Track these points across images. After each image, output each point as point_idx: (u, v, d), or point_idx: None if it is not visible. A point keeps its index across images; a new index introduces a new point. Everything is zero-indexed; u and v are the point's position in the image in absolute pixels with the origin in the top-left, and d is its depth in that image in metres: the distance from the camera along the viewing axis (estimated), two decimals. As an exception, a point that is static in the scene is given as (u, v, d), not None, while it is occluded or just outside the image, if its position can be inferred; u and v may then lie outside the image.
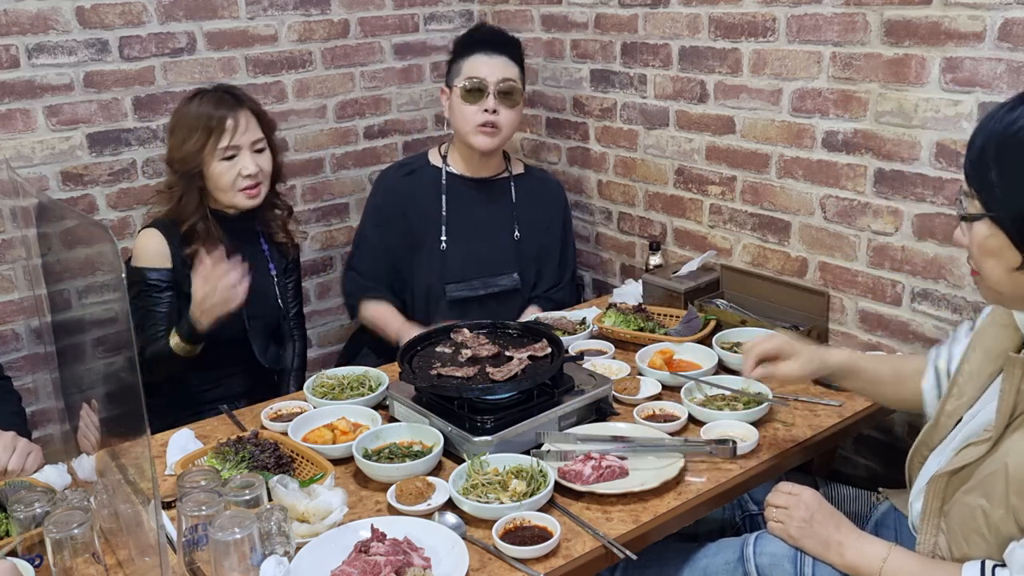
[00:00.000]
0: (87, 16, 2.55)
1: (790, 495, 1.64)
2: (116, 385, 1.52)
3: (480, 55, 2.57)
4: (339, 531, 1.55)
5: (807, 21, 2.24)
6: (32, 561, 1.48)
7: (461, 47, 2.64)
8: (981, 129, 1.37)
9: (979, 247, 1.39)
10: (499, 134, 2.57)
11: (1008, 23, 1.88)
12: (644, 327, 2.33)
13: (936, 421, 1.61)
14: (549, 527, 1.54)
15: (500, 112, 2.55)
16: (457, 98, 2.57)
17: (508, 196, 2.71)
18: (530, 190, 2.74)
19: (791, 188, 2.39)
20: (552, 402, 1.86)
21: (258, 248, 2.46)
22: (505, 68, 2.57)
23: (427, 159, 2.74)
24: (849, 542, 1.55)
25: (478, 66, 2.55)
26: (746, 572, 1.62)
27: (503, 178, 2.72)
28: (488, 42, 2.61)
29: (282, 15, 2.88)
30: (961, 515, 1.46)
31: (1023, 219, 1.32)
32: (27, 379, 2.65)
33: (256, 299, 2.37)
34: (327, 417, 1.95)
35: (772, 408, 1.93)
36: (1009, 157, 1.33)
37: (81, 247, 1.62)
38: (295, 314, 2.60)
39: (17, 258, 2.56)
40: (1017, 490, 1.37)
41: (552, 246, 2.75)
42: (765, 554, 1.61)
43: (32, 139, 2.53)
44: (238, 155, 2.27)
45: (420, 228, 2.65)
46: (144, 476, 1.32)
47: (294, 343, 2.59)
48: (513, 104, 2.58)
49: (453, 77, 2.61)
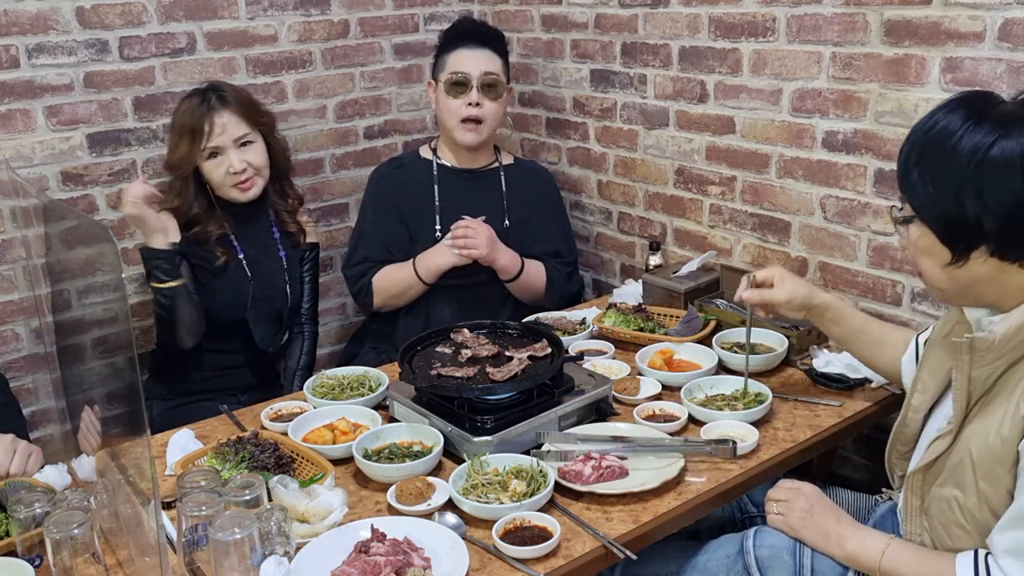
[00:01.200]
0: (87, 16, 2.55)
1: (790, 489, 1.67)
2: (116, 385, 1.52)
3: (463, 49, 2.62)
4: (339, 531, 1.55)
5: (807, 21, 2.24)
6: (32, 561, 1.48)
7: (445, 41, 2.68)
8: (908, 134, 1.45)
9: (914, 247, 1.48)
10: (483, 128, 2.62)
11: (1008, 23, 1.88)
12: (644, 327, 2.33)
13: (904, 417, 1.65)
14: (549, 527, 1.54)
15: (484, 105, 2.60)
16: (442, 92, 2.63)
17: (498, 186, 2.74)
18: (519, 180, 2.78)
19: (791, 188, 2.39)
20: (552, 402, 1.86)
21: (269, 233, 2.54)
22: (488, 61, 2.62)
23: (418, 154, 2.80)
24: (849, 534, 1.57)
25: (462, 60, 2.61)
26: (746, 564, 1.62)
27: (492, 169, 2.76)
28: (471, 36, 2.65)
29: (282, 15, 2.88)
30: (939, 509, 1.49)
31: (946, 217, 1.39)
32: (27, 379, 2.65)
33: (262, 279, 2.47)
34: (327, 417, 1.95)
35: (772, 408, 1.93)
36: (927, 158, 1.41)
37: (81, 247, 1.62)
38: (308, 309, 2.64)
39: (17, 258, 2.56)
40: (984, 475, 1.41)
41: (545, 231, 2.77)
42: (765, 546, 1.62)
43: (32, 139, 2.53)
44: (222, 154, 2.36)
45: (414, 219, 2.68)
46: (144, 476, 1.32)
47: (303, 339, 2.63)
48: (496, 96, 2.63)
49: (438, 71, 2.67)
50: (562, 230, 2.84)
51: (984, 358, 1.42)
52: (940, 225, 1.40)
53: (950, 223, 1.39)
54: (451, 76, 2.60)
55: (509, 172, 2.77)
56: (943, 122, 1.39)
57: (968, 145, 1.35)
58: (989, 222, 1.35)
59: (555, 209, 2.83)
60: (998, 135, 1.34)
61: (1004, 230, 1.35)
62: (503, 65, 2.67)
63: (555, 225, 2.81)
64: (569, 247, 2.83)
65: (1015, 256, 1.38)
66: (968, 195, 1.36)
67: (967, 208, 1.36)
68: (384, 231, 2.69)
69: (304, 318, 2.64)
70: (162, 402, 2.46)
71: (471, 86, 2.58)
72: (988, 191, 1.34)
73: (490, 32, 2.71)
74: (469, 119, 2.60)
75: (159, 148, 2.70)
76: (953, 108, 1.40)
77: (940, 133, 1.39)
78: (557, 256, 2.76)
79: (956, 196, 1.37)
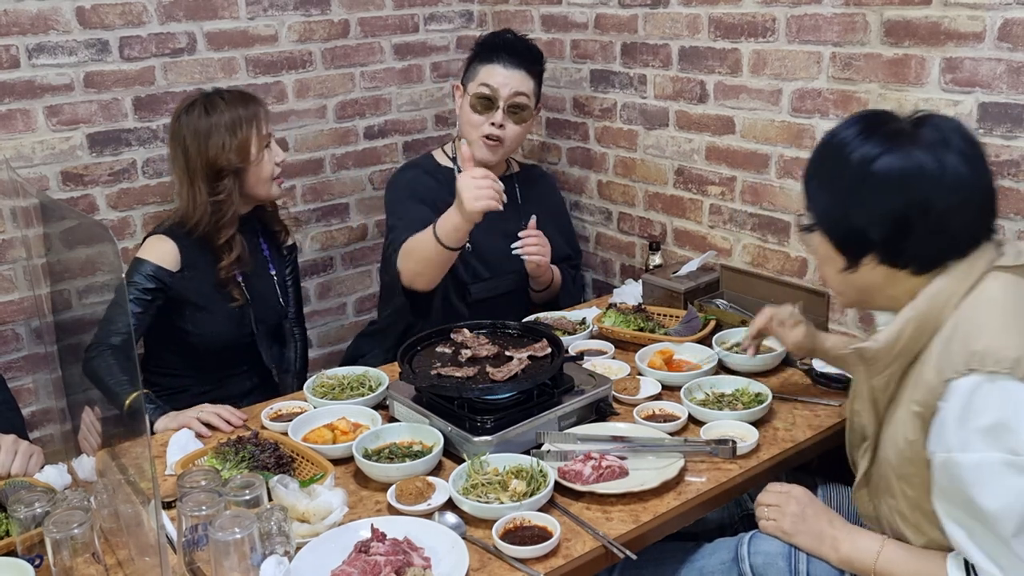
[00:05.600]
0: (87, 16, 2.55)
1: (780, 493, 1.67)
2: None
3: (498, 64, 2.52)
4: (339, 531, 1.55)
5: (807, 21, 2.24)
6: (32, 561, 1.48)
7: (481, 49, 2.59)
8: (815, 146, 1.52)
9: (816, 255, 1.55)
10: (501, 148, 2.55)
11: (1008, 23, 1.88)
12: (644, 327, 2.33)
13: (851, 423, 1.67)
14: (549, 527, 1.54)
15: (507, 127, 2.52)
16: (467, 104, 2.55)
17: (513, 193, 2.68)
18: (529, 187, 2.76)
19: (791, 188, 2.39)
20: (552, 402, 1.86)
21: (259, 251, 2.48)
22: (521, 82, 2.53)
23: (435, 160, 2.70)
24: (843, 536, 1.58)
25: (493, 75, 2.52)
26: (741, 572, 1.63)
27: (507, 177, 2.71)
28: (509, 51, 2.54)
29: (282, 15, 2.88)
30: (888, 519, 1.55)
31: (837, 225, 1.47)
32: (27, 379, 2.65)
33: (261, 302, 2.42)
34: (327, 417, 1.95)
35: (772, 408, 1.94)
36: (824, 168, 1.49)
37: (81, 247, 1.62)
38: (295, 313, 2.61)
39: (17, 258, 2.56)
40: (903, 478, 1.47)
41: (558, 234, 2.75)
42: (759, 553, 1.62)
43: (32, 139, 2.53)
44: (271, 145, 2.33)
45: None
46: (144, 476, 1.33)
47: (296, 343, 2.61)
48: (521, 120, 2.55)
49: (468, 79, 2.58)
50: (568, 232, 2.85)
51: (875, 366, 1.47)
52: (834, 234, 1.48)
53: (841, 231, 1.47)
54: (480, 89, 2.51)
55: (520, 178, 2.75)
56: (841, 135, 1.46)
57: (856, 157, 1.42)
58: (874, 231, 1.42)
59: (561, 211, 2.85)
60: (883, 149, 1.40)
61: (888, 240, 1.42)
62: (535, 87, 2.58)
63: (563, 227, 2.81)
64: (575, 249, 2.84)
65: (902, 263, 1.43)
66: (855, 205, 1.43)
67: (853, 218, 1.44)
68: (422, 213, 2.47)
69: (292, 323, 2.61)
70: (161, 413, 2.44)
71: (498, 105, 2.50)
72: (872, 202, 1.41)
73: (530, 51, 2.60)
74: (490, 137, 2.53)
75: (159, 148, 2.70)
76: (852, 123, 1.47)
77: (836, 146, 1.46)
78: (567, 259, 2.76)
79: (845, 206, 1.44)
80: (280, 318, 2.53)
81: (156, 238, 2.30)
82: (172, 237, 2.29)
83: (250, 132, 2.26)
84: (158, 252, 2.26)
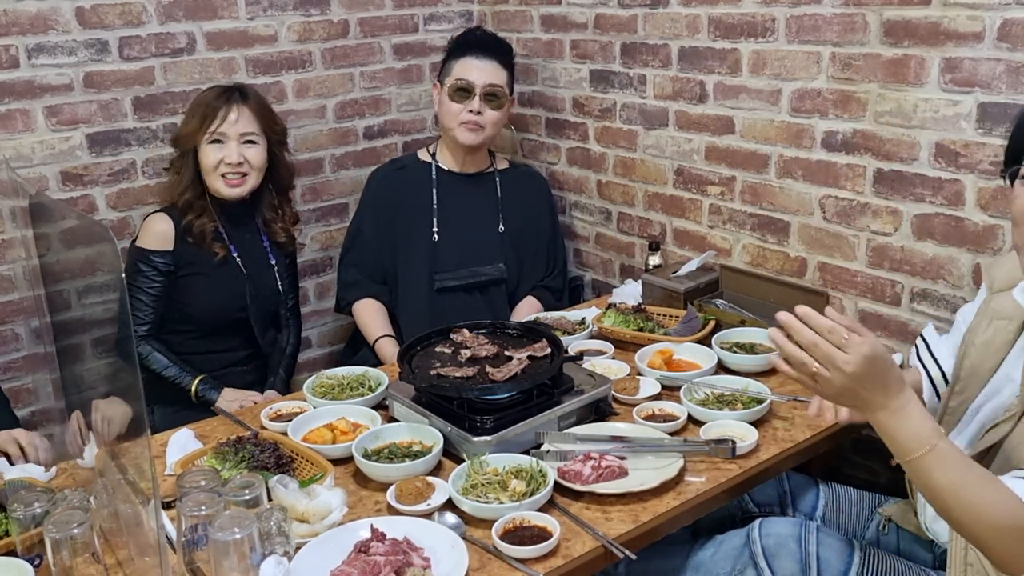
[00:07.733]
0: (87, 16, 2.55)
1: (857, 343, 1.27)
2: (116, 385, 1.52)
3: (471, 58, 2.67)
4: (339, 531, 1.55)
5: (806, 21, 2.24)
6: (32, 561, 1.48)
7: (454, 47, 2.75)
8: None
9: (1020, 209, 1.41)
10: (483, 131, 2.68)
11: (1007, 23, 1.88)
12: (644, 327, 2.33)
13: (940, 421, 1.60)
14: (549, 527, 1.54)
15: (484, 113, 2.66)
16: (445, 96, 2.68)
17: (494, 190, 2.81)
18: (514, 184, 2.84)
19: (790, 188, 2.39)
20: (552, 402, 1.86)
21: (258, 241, 2.60)
22: (493, 73, 2.68)
23: (417, 157, 2.85)
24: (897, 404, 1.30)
25: (468, 68, 2.66)
26: (752, 554, 1.63)
27: (488, 173, 2.83)
28: (480, 46, 2.71)
29: (282, 15, 2.88)
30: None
31: None
32: (27, 379, 2.65)
33: (256, 277, 2.55)
34: (327, 417, 1.95)
35: (772, 408, 1.94)
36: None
37: (81, 247, 1.62)
38: (292, 304, 2.73)
39: (17, 258, 2.56)
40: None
41: (538, 237, 2.84)
42: (771, 535, 1.63)
43: (32, 139, 2.53)
44: (225, 143, 2.42)
45: (412, 220, 2.73)
46: (144, 476, 1.32)
47: (289, 332, 2.73)
48: (498, 107, 2.69)
49: (445, 75, 2.72)
50: (551, 238, 2.88)
51: None
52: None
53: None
54: (456, 82, 2.65)
55: (504, 177, 2.84)
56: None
57: None
58: None
59: (546, 215, 2.88)
60: None
61: None
62: (508, 77, 2.72)
63: (543, 232, 2.86)
64: (556, 257, 2.89)
65: None
66: None
67: None
68: (379, 233, 2.75)
69: (289, 314, 2.72)
70: (164, 407, 2.46)
71: (474, 94, 2.64)
72: None
73: (499, 45, 2.76)
74: (469, 121, 2.66)
75: (159, 148, 2.71)
76: None
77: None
78: (546, 277, 2.84)
79: None
80: (278, 306, 2.65)
81: (152, 219, 2.46)
82: (169, 213, 2.46)
83: (198, 121, 2.41)
84: (156, 237, 2.42)
